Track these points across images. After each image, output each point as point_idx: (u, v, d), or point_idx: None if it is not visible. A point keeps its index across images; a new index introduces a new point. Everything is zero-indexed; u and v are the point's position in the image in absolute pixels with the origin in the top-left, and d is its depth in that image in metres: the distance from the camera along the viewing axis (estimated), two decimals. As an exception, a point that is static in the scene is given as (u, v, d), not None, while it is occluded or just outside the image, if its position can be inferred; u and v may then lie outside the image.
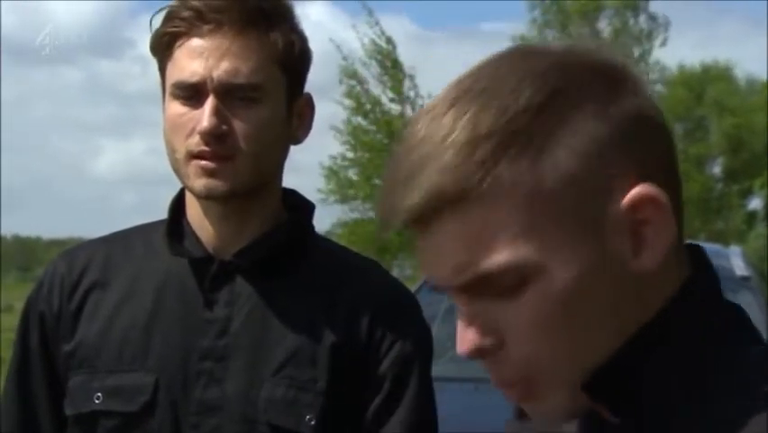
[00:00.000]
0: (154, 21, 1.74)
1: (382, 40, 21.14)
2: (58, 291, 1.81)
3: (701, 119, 36.01)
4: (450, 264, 1.01)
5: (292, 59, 1.73)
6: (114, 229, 1.91)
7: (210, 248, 1.77)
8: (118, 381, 1.74)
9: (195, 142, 1.68)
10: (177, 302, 1.76)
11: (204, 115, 1.67)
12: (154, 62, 1.76)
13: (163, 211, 1.82)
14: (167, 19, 1.72)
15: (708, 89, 35.29)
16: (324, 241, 1.89)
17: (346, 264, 1.81)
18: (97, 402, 1.73)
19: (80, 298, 1.80)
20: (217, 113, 1.67)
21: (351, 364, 1.72)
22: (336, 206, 22.07)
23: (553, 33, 28.24)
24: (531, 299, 1.00)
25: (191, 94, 1.69)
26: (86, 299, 1.79)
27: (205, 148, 1.67)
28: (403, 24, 70.04)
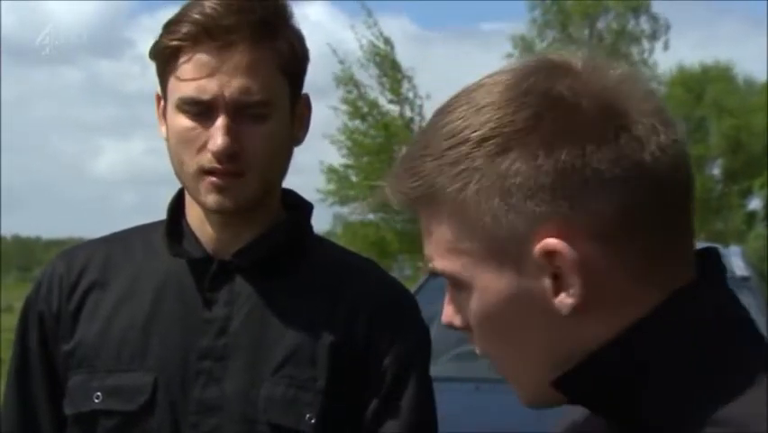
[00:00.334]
0: (160, 24, 1.72)
1: (380, 41, 21.13)
2: (57, 291, 1.81)
3: (701, 120, 35.99)
4: (425, 252, 1.13)
5: (294, 63, 1.73)
6: (114, 229, 1.91)
7: (209, 248, 1.77)
8: (117, 380, 1.74)
9: (207, 158, 1.68)
10: (176, 302, 1.76)
11: (217, 134, 1.67)
12: (153, 64, 1.75)
13: (163, 211, 1.82)
14: (171, 29, 1.70)
15: (708, 90, 35.26)
16: (323, 241, 1.89)
17: (345, 264, 1.81)
18: (97, 402, 1.74)
19: (79, 298, 1.80)
20: (229, 132, 1.67)
21: (350, 364, 1.72)
22: (336, 207, 22.10)
23: (553, 34, 28.22)
24: (472, 305, 1.09)
25: (201, 110, 1.68)
26: (86, 299, 1.80)
27: (218, 166, 1.68)
28: (402, 24, 70.11)
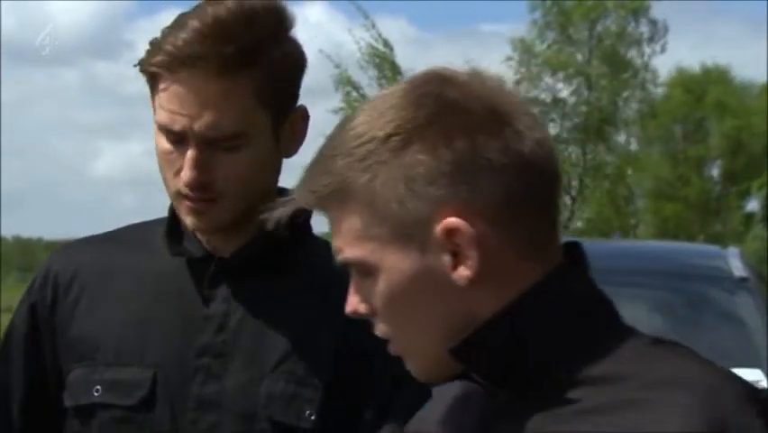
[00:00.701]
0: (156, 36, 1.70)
1: (379, 42, 21.10)
2: (51, 285, 1.82)
3: (701, 121, 36.01)
4: (334, 246, 1.26)
5: (276, 90, 1.69)
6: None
7: (209, 247, 1.77)
8: (116, 374, 1.75)
9: (180, 184, 1.69)
10: (175, 299, 1.76)
11: (186, 166, 1.67)
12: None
13: (162, 212, 1.83)
14: (152, 52, 1.68)
15: (710, 91, 35.27)
16: (323, 240, 1.88)
17: None
18: (96, 395, 1.74)
19: (77, 293, 1.80)
20: (197, 165, 1.67)
21: (350, 362, 1.72)
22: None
23: (553, 35, 28.25)
24: (378, 288, 1.23)
25: (176, 138, 1.68)
26: (83, 294, 1.80)
27: (190, 193, 1.69)
28: (401, 26, 70.11)
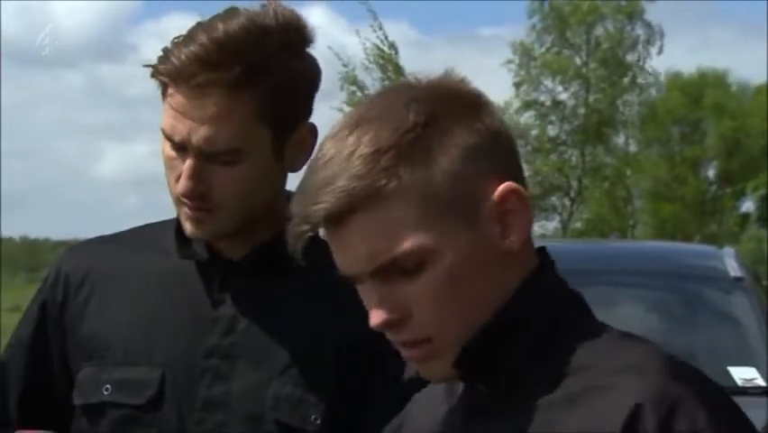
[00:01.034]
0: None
1: (385, 45, 21.05)
2: (63, 285, 1.84)
3: (698, 122, 35.98)
4: (365, 253, 1.26)
5: (279, 109, 1.70)
6: (119, 230, 1.93)
7: (217, 250, 1.78)
8: (126, 374, 1.77)
9: (180, 191, 1.71)
10: (184, 300, 1.78)
11: (183, 175, 1.69)
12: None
13: (165, 213, 1.84)
14: (162, 60, 1.70)
15: (708, 93, 35.22)
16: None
17: None
18: (106, 394, 1.77)
19: (87, 293, 1.83)
20: (194, 175, 1.68)
21: (356, 366, 1.73)
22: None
23: (551, 39, 28.30)
24: (429, 276, 1.25)
25: (177, 146, 1.70)
26: (94, 294, 1.82)
27: (187, 201, 1.71)
28: (402, 29, 69.95)
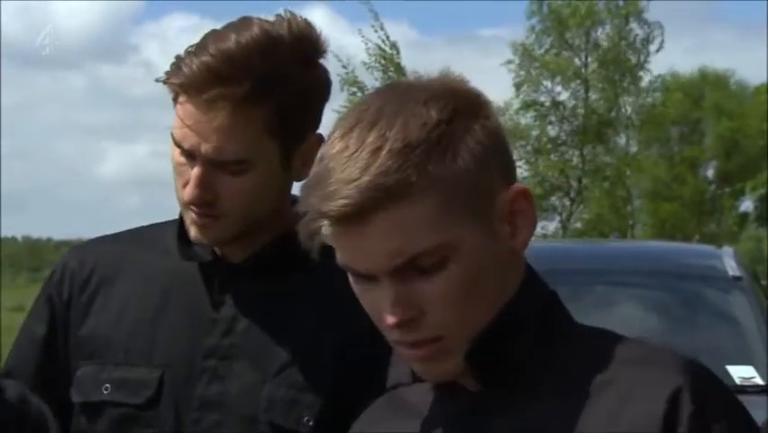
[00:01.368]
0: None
1: (387, 45, 21.06)
2: (68, 283, 1.86)
3: (697, 122, 35.99)
4: (386, 250, 1.23)
5: (288, 120, 1.71)
6: (121, 230, 1.94)
7: (219, 252, 1.79)
8: (125, 373, 1.78)
9: (187, 198, 1.72)
10: (184, 301, 1.79)
11: (190, 183, 1.70)
12: (157, 67, 1.79)
13: (167, 213, 1.86)
14: (174, 67, 1.71)
15: (708, 94, 35.23)
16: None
17: None
18: (106, 393, 1.78)
19: (91, 292, 1.84)
20: (201, 184, 1.70)
21: (353, 367, 1.74)
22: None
23: (550, 40, 28.30)
24: (448, 275, 1.25)
25: (186, 153, 1.71)
26: (97, 293, 1.84)
27: (194, 207, 1.72)
28: (402, 30, 69.95)
